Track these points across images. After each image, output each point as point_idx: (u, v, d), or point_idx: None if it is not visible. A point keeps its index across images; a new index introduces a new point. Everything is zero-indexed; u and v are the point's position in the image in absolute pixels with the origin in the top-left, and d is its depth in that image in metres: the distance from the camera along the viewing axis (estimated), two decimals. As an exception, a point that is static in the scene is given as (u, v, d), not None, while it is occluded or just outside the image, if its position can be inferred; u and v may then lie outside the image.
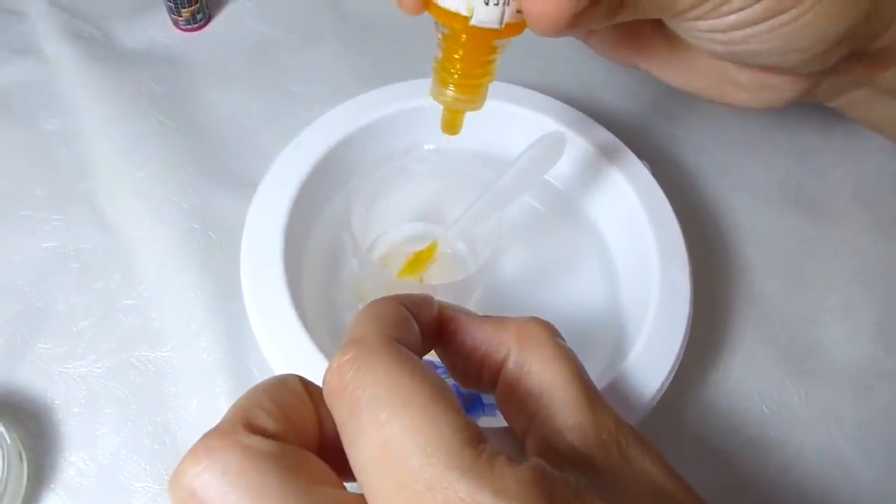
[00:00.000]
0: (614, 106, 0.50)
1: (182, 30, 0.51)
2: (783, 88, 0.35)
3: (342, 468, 0.21)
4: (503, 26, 0.26)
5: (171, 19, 0.50)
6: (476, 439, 0.19)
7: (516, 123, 0.41)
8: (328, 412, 0.21)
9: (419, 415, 0.19)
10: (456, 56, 0.28)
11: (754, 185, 0.48)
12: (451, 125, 0.31)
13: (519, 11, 0.26)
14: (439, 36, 0.28)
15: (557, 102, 0.42)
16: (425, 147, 0.36)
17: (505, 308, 0.39)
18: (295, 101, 0.49)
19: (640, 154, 0.41)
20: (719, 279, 0.44)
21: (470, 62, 0.28)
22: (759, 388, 0.40)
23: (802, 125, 0.51)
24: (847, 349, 0.42)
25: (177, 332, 0.39)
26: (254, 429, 0.20)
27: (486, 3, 0.25)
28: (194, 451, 0.19)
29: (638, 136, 0.48)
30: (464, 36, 0.27)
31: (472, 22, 0.26)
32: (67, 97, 0.47)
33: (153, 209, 0.43)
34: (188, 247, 0.41)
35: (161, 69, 0.49)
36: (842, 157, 0.50)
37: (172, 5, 0.49)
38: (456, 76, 0.28)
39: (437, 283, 0.37)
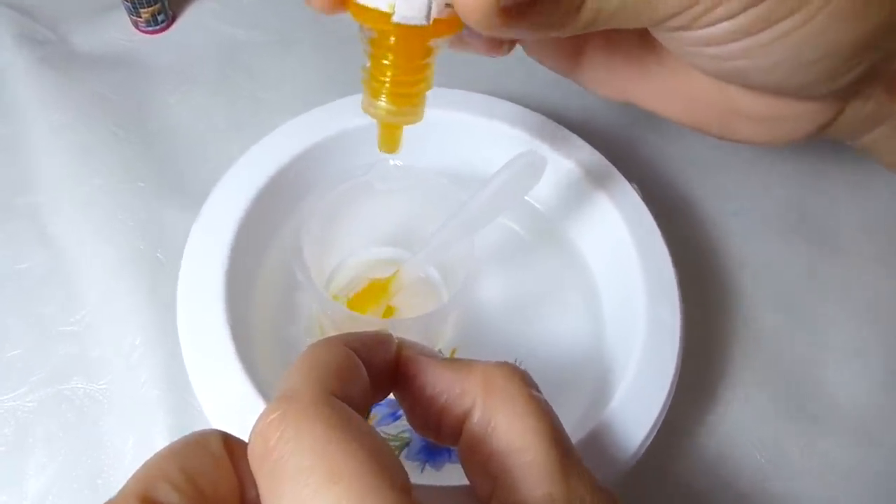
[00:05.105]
0: (600, 120, 0.47)
1: (143, 32, 0.48)
2: (800, 119, 0.30)
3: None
4: (431, 22, 0.23)
5: (132, 21, 0.48)
6: None
7: (492, 139, 0.38)
8: (253, 477, 0.19)
9: (347, 491, 0.16)
10: (385, 62, 0.25)
11: (754, 210, 0.45)
12: (388, 141, 0.27)
13: (448, 5, 0.23)
14: (366, 41, 0.25)
15: (537, 115, 0.39)
16: (391, 163, 0.33)
17: (480, 341, 0.36)
18: (261, 109, 0.46)
19: (629, 174, 0.38)
20: (714, 313, 0.41)
21: (401, 68, 0.25)
22: (755, 435, 0.37)
23: (808, 146, 0.48)
24: (853, 394, 0.39)
25: (116, 364, 0.36)
26: None
27: None
28: None
29: (626, 153, 0.45)
30: (392, 38, 0.24)
31: (395, 18, 0.23)
32: (16, 103, 0.45)
33: (99, 226, 0.40)
34: (134, 269, 0.38)
35: (118, 74, 0.46)
36: (850, 183, 0.47)
37: (130, 6, 0.46)
38: (387, 85, 0.25)
39: (402, 319, 0.34)
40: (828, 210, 0.46)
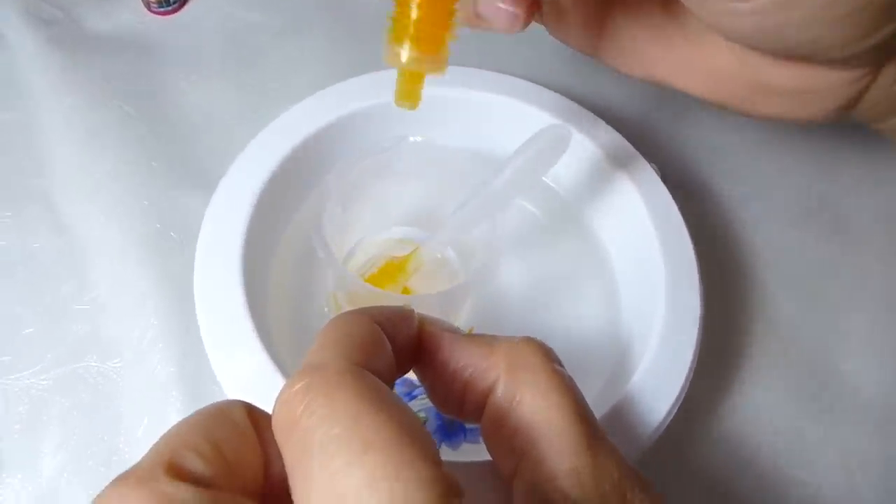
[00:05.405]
0: (621, 101, 0.46)
1: (154, 13, 0.47)
2: (828, 92, 0.29)
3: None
4: None
5: (143, 1, 0.47)
6: (450, 493, 0.16)
7: (512, 119, 0.37)
8: (278, 449, 0.18)
9: (382, 464, 0.16)
10: (413, 3, 0.24)
11: (771, 195, 0.44)
12: (408, 94, 0.26)
13: None
14: None
15: (557, 96, 0.38)
16: (411, 139, 0.33)
17: (496, 324, 0.36)
18: (273, 91, 0.45)
19: (649, 156, 0.37)
20: (731, 299, 0.40)
21: (430, 7, 0.24)
22: (773, 421, 0.37)
23: (828, 130, 0.47)
24: (871, 381, 0.38)
25: (130, 343, 0.35)
26: (179, 473, 0.17)
27: None
28: (102, 502, 0.16)
29: (647, 135, 0.44)
30: None
31: None
32: (26, 85, 0.44)
33: (112, 207, 0.39)
34: (147, 248, 0.38)
35: (129, 56, 0.45)
36: (867, 171, 0.46)
37: (143, -15, 0.45)
38: (412, 30, 0.24)
39: (423, 295, 0.33)
40: (844, 197, 0.45)
